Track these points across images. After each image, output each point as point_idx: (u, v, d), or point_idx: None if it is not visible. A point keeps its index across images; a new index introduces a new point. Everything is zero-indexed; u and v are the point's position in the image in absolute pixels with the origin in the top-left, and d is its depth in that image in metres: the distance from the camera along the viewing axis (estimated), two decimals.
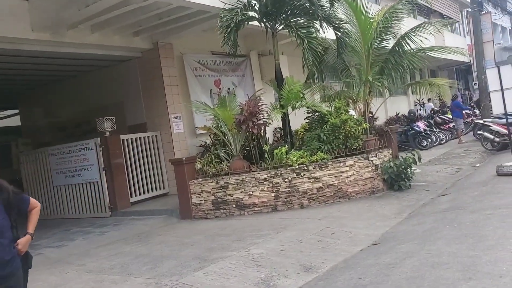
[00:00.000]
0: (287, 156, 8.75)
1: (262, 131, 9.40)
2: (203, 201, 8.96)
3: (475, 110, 19.80)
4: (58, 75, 12.81)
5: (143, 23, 10.09)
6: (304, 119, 9.95)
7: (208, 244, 6.78)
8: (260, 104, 9.07)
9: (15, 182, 12.44)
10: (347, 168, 8.82)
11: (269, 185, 8.57)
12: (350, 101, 10.22)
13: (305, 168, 8.55)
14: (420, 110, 20.99)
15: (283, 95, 9.36)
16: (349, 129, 8.87)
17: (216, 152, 9.26)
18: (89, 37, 9.89)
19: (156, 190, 11.34)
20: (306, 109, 9.93)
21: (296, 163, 8.58)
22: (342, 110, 9.06)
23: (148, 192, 11.17)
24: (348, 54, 10.19)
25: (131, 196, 10.72)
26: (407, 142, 16.01)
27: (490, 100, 17.82)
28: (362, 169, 8.97)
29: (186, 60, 12.02)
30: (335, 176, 8.70)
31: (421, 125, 16.78)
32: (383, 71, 9.94)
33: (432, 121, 18.52)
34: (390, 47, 10.15)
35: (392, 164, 9.14)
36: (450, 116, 19.80)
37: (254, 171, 8.80)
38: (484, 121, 13.91)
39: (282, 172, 8.54)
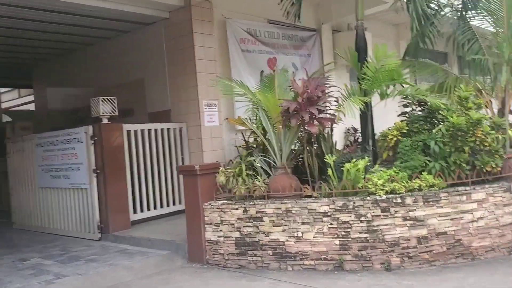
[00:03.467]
0: (366, 175, 5.10)
1: (326, 131, 5.82)
2: (222, 238, 5.52)
3: None
4: (71, 41, 9.93)
5: None
6: (399, 115, 6.23)
7: None
8: (326, 85, 5.46)
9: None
10: (474, 206, 5.02)
11: (331, 223, 4.97)
12: (476, 92, 6.32)
13: (399, 200, 4.86)
14: None
15: (366, 74, 5.69)
16: (482, 137, 5.03)
17: (249, 159, 5.76)
18: None
19: (172, 205, 8.07)
20: (403, 101, 6.20)
21: (382, 190, 4.91)
22: (470, 103, 5.23)
23: (161, 207, 7.91)
24: (477, 16, 6.32)
25: (135, 212, 7.53)
26: None
27: None
28: (499, 208, 5.13)
29: (231, 27, 8.64)
30: (451, 219, 4.94)
31: None
32: None
33: None
34: None
35: None
36: None
37: (308, 197, 5.25)
38: None
39: (357, 203, 4.90)
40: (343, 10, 9.99)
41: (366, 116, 5.97)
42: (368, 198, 4.90)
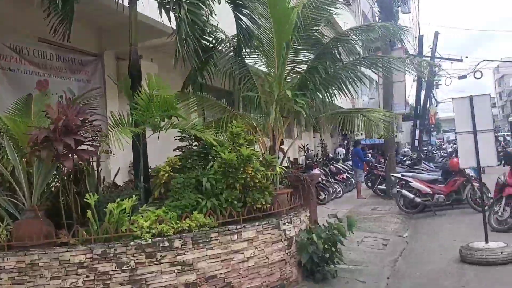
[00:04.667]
0: (132, 217, 4.51)
1: (91, 165, 5.07)
2: None
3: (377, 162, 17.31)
4: None
5: None
6: (174, 149, 5.86)
7: None
8: (88, 112, 4.74)
9: None
10: (245, 245, 4.88)
11: (88, 276, 4.19)
12: (250, 129, 6.40)
13: (166, 244, 4.38)
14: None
15: (138, 104, 5.17)
16: (252, 173, 4.97)
17: None
18: None
19: None
20: (179, 135, 5.87)
21: (148, 233, 4.37)
22: (242, 139, 5.15)
23: None
24: (252, 54, 6.48)
25: None
26: None
27: (397, 152, 15.28)
28: (268, 245, 5.10)
29: None
30: (222, 261, 4.67)
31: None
32: (306, 84, 6.31)
33: (327, 170, 15.68)
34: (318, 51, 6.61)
35: (315, 237, 5.42)
36: (343, 165, 17.31)
37: (64, 245, 4.37)
38: (403, 176, 11.11)
39: (118, 250, 4.24)
40: (127, 37, 9.47)
41: (138, 150, 5.42)
42: (132, 243, 4.29)
